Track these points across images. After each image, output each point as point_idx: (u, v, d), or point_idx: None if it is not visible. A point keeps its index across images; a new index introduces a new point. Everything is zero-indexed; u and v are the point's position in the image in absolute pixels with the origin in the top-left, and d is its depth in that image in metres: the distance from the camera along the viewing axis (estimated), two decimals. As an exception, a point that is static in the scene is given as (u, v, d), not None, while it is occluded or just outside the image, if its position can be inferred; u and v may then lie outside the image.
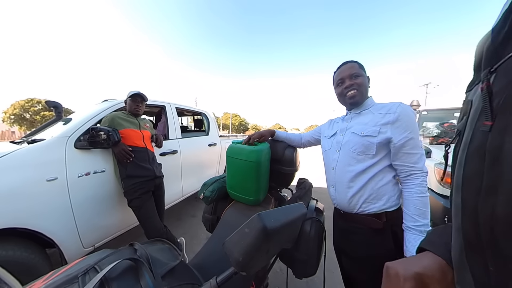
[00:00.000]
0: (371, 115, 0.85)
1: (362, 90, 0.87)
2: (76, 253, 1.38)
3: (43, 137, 1.46)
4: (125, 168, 1.54)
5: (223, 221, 1.06)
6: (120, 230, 1.72)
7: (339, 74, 0.91)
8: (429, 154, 2.16)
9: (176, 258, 0.62)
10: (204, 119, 3.34)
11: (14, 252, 1.06)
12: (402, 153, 0.77)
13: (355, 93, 0.87)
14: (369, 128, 0.82)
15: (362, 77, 0.87)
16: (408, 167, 0.76)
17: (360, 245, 0.83)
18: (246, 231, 0.43)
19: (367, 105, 0.89)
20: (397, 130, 0.77)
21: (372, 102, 0.90)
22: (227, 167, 1.14)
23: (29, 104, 29.36)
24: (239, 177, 1.08)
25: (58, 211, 1.29)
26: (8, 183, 1.10)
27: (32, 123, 27.93)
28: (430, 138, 2.46)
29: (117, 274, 0.46)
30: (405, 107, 0.79)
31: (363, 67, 0.89)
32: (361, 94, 0.88)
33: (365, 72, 0.89)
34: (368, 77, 0.90)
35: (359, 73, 0.87)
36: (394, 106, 0.80)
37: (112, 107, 1.75)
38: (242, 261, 0.41)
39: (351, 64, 0.89)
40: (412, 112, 0.79)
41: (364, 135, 0.82)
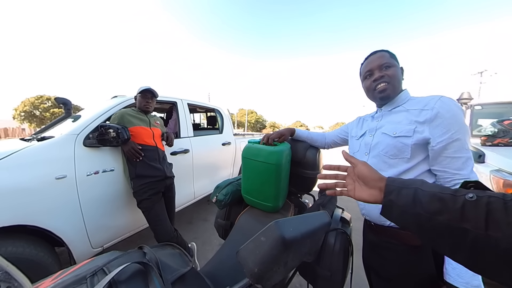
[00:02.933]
0: (405, 113, 0.80)
1: (394, 82, 0.83)
2: (84, 253, 1.48)
3: (52, 135, 1.58)
4: (134, 167, 1.61)
5: (237, 228, 1.08)
6: (129, 232, 1.82)
7: (366, 65, 0.88)
8: (482, 158, 1.97)
9: (187, 264, 0.64)
10: (218, 116, 3.39)
11: (24, 249, 1.17)
12: (444, 157, 0.71)
13: (385, 86, 0.83)
14: (402, 127, 0.78)
15: (394, 68, 0.83)
16: (450, 174, 0.71)
17: (393, 263, 0.80)
18: (262, 239, 0.43)
19: (401, 101, 0.85)
20: (437, 129, 0.72)
21: (407, 96, 0.85)
22: (243, 169, 1.14)
23: (39, 101, 31.85)
24: (256, 181, 1.08)
25: (67, 210, 1.39)
26: (18, 180, 1.20)
27: (42, 120, 30.27)
28: (482, 138, 2.23)
29: (126, 277, 0.49)
30: (446, 101, 0.73)
31: (395, 56, 0.85)
32: (393, 87, 0.84)
33: (397, 62, 0.85)
34: (401, 68, 0.86)
35: (390, 63, 0.83)
36: (432, 100, 0.75)
37: (121, 104, 1.84)
38: (257, 273, 0.42)
39: (381, 54, 0.85)
40: (456, 107, 0.73)
41: (396, 136, 0.78)
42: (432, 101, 0.75)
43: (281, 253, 0.42)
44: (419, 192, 0.42)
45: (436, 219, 0.38)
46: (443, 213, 0.37)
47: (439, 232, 0.38)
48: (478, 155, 1.98)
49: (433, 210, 0.38)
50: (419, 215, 0.40)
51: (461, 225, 0.35)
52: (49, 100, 31.73)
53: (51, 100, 31.54)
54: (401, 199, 0.43)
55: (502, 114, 2.70)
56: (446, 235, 0.37)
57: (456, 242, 0.36)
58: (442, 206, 0.38)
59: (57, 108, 29.25)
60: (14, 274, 0.30)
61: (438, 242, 0.39)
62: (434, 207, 0.38)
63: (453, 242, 0.37)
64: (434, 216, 0.38)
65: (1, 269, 0.30)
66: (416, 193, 0.42)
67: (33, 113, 31.28)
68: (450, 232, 0.36)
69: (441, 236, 0.38)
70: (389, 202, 0.45)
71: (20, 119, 30.75)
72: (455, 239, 0.36)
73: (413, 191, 0.42)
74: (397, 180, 0.47)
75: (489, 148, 2.09)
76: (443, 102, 0.73)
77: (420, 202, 0.40)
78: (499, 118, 2.20)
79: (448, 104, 0.72)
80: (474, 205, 0.35)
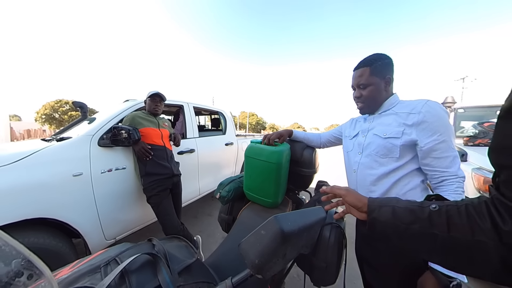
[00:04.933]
0: (394, 115, 0.80)
1: (369, 102, 0.85)
2: (99, 244, 1.48)
3: (70, 135, 1.59)
4: (144, 165, 1.61)
5: (239, 222, 1.07)
6: (139, 225, 1.82)
7: (352, 79, 0.89)
8: (464, 157, 1.96)
9: (192, 255, 0.64)
10: (221, 118, 3.39)
11: (44, 240, 1.18)
12: (432, 158, 0.71)
13: (361, 106, 0.88)
14: (392, 129, 0.78)
15: (371, 87, 0.82)
16: (439, 172, 0.71)
17: (383, 253, 0.80)
18: (263, 233, 0.43)
19: (390, 105, 0.84)
20: (423, 132, 0.71)
21: (396, 100, 0.84)
22: (245, 167, 1.14)
23: (58, 104, 31.95)
24: (257, 178, 1.08)
25: (83, 204, 1.40)
26: (39, 177, 1.21)
27: (61, 122, 30.36)
28: (464, 139, 2.23)
29: (136, 267, 0.49)
30: (432, 105, 0.72)
31: (379, 68, 0.81)
32: (368, 107, 0.87)
33: (382, 73, 0.81)
34: (388, 77, 0.82)
35: (367, 83, 0.82)
36: (419, 104, 0.74)
37: (132, 107, 1.85)
38: (258, 264, 0.41)
39: (361, 71, 0.84)
40: (442, 110, 0.72)
41: (386, 137, 0.78)
42: (419, 105, 0.74)
43: (280, 246, 0.42)
44: (396, 208, 0.47)
45: (412, 228, 0.43)
46: (416, 223, 0.43)
47: (415, 239, 0.43)
48: (461, 154, 1.98)
49: (408, 221, 0.44)
50: (397, 226, 0.45)
51: (430, 230, 0.40)
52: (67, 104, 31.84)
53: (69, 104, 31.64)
54: (382, 215, 0.48)
55: (483, 116, 2.70)
56: (421, 241, 0.42)
57: (430, 245, 0.41)
58: (415, 217, 0.43)
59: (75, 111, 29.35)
60: (36, 263, 0.29)
61: (416, 247, 0.44)
62: (409, 218, 0.44)
63: (427, 245, 0.41)
64: (410, 225, 0.43)
65: (24, 258, 0.30)
66: (394, 210, 0.47)
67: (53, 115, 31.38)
68: (424, 237, 0.41)
69: (417, 241, 0.43)
70: (373, 219, 0.50)
71: (41, 121, 30.87)
72: (428, 243, 0.41)
73: (391, 208, 0.48)
74: (376, 200, 0.53)
75: (471, 148, 2.09)
76: (429, 106, 0.72)
77: (397, 216, 0.46)
78: (480, 121, 2.20)
79: (433, 108, 0.72)
80: (437, 213, 0.41)
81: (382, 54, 0.82)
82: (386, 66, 0.81)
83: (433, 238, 0.40)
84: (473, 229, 0.37)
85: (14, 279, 0.34)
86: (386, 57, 0.82)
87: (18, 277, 0.34)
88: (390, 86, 0.83)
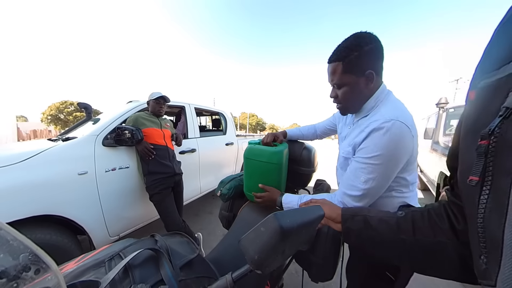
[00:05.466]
0: (358, 129, 0.69)
1: (347, 104, 0.71)
2: (103, 241, 1.49)
3: (75, 135, 1.59)
4: (147, 164, 1.62)
5: (239, 219, 1.07)
6: (142, 222, 1.82)
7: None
8: None
9: (194, 251, 0.64)
10: (222, 119, 3.40)
11: (51, 236, 1.18)
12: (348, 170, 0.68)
13: (339, 107, 0.75)
14: (347, 148, 0.71)
15: (346, 88, 0.66)
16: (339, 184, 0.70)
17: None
18: (262, 230, 0.43)
19: (370, 108, 0.68)
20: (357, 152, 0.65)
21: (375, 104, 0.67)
22: (245, 168, 1.11)
23: (63, 105, 31.94)
24: (258, 180, 1.05)
25: (88, 202, 1.40)
26: (47, 175, 1.22)
27: (66, 123, 30.35)
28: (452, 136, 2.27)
29: (139, 262, 0.49)
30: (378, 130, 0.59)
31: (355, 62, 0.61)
32: (347, 109, 0.74)
33: (360, 69, 0.62)
34: (370, 72, 0.62)
35: (341, 83, 0.66)
36: (372, 124, 0.61)
37: (136, 108, 1.85)
38: (257, 260, 0.42)
39: (333, 66, 0.66)
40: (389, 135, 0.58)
41: (343, 156, 0.74)
42: (372, 124, 0.62)
43: (279, 242, 0.42)
44: (367, 218, 0.48)
45: (382, 235, 0.44)
46: (385, 230, 0.44)
47: (386, 245, 0.44)
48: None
49: (379, 229, 0.45)
50: (370, 235, 0.46)
51: (399, 236, 0.42)
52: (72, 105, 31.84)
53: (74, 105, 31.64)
54: (355, 224, 0.49)
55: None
56: (391, 247, 0.43)
57: (399, 251, 0.42)
58: (385, 225, 0.45)
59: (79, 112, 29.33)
60: (42, 257, 0.30)
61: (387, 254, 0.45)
62: (381, 227, 0.45)
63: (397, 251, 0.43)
64: (380, 233, 0.44)
65: (31, 252, 0.31)
66: (366, 219, 0.47)
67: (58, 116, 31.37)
68: (393, 243, 0.43)
69: (388, 248, 0.44)
70: (347, 229, 0.50)
71: (47, 122, 30.86)
72: (398, 248, 0.42)
73: (363, 218, 0.48)
74: (349, 209, 0.53)
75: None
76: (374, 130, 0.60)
77: (369, 225, 0.47)
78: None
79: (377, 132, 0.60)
80: (404, 219, 0.43)
81: (362, 39, 0.61)
82: (366, 57, 0.61)
83: (402, 243, 0.41)
84: (434, 230, 0.39)
85: (21, 273, 0.34)
86: (366, 43, 0.60)
87: (26, 271, 0.34)
88: (374, 81, 0.64)
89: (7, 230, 0.29)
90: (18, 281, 0.34)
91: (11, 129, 8.65)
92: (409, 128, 0.58)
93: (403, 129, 0.58)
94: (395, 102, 0.66)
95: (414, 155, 0.65)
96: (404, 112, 0.62)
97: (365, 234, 0.47)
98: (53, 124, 30.81)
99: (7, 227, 0.29)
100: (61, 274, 0.32)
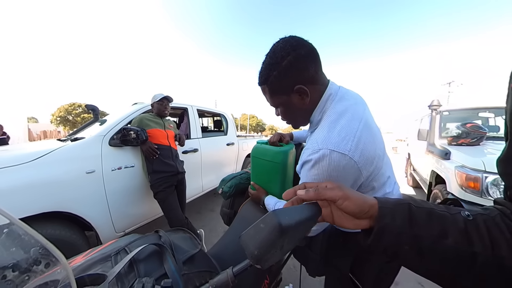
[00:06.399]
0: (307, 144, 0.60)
1: (291, 122, 0.65)
2: (109, 236, 1.49)
3: (83, 136, 1.59)
4: (151, 164, 1.62)
5: (240, 216, 1.07)
6: (146, 219, 1.83)
7: None
8: (448, 156, 1.96)
9: (196, 246, 0.64)
10: (223, 120, 3.39)
11: (60, 232, 1.19)
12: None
13: (288, 123, 0.67)
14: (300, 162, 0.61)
15: (282, 108, 0.60)
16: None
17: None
18: (262, 226, 0.43)
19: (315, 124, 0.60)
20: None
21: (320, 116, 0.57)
22: (252, 167, 1.11)
23: (72, 107, 31.96)
24: (264, 178, 1.04)
25: (95, 199, 1.40)
26: (56, 173, 1.22)
27: (74, 124, 30.37)
28: (448, 139, 2.24)
29: (144, 256, 0.49)
30: (308, 162, 0.51)
31: (276, 82, 0.54)
32: (294, 125, 0.67)
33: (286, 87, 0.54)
34: (299, 88, 0.53)
35: (275, 104, 0.61)
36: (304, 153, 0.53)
37: (140, 110, 1.86)
38: (257, 255, 0.42)
39: (262, 89, 0.60)
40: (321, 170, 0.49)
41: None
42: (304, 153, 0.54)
43: (278, 238, 0.42)
44: (413, 208, 0.31)
45: (442, 242, 0.28)
46: (448, 236, 0.28)
47: (443, 257, 0.28)
48: (445, 153, 1.99)
49: (437, 232, 0.28)
50: (418, 237, 0.29)
51: (470, 248, 0.26)
52: (80, 107, 31.87)
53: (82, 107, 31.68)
54: (397, 219, 0.30)
55: (465, 118, 2.71)
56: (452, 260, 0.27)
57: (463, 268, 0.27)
58: (444, 227, 0.28)
59: (87, 114, 29.32)
60: (52, 251, 0.30)
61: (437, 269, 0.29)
62: (436, 228, 0.28)
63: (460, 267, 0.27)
64: (439, 239, 0.28)
65: (42, 246, 0.31)
66: (411, 210, 0.31)
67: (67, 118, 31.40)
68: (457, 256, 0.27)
69: (445, 261, 0.28)
70: (384, 226, 0.31)
71: (56, 123, 30.87)
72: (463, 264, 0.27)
73: (407, 207, 0.31)
74: (389, 200, 0.33)
75: (454, 147, 2.10)
76: (305, 165, 0.53)
77: (416, 221, 0.30)
78: (463, 122, 2.20)
79: (305, 171, 0.53)
80: (475, 225, 0.28)
81: (278, 52, 0.52)
82: (287, 73, 0.52)
83: (472, 259, 0.26)
84: None
85: (32, 266, 0.34)
86: (283, 56, 0.51)
87: (37, 264, 0.35)
88: (309, 94, 0.54)
89: (19, 225, 0.29)
90: (29, 274, 0.34)
91: (22, 130, 8.67)
92: (344, 154, 0.47)
93: (335, 158, 0.47)
94: (336, 114, 0.53)
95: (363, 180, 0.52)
96: (342, 130, 0.49)
97: (408, 235, 0.29)
98: (62, 125, 30.80)
99: (19, 222, 0.29)
100: (70, 267, 0.32)
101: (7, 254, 0.33)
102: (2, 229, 0.31)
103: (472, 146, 2.04)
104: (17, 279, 0.33)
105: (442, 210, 0.30)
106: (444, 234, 0.28)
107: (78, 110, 32.16)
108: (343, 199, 0.34)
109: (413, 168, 3.83)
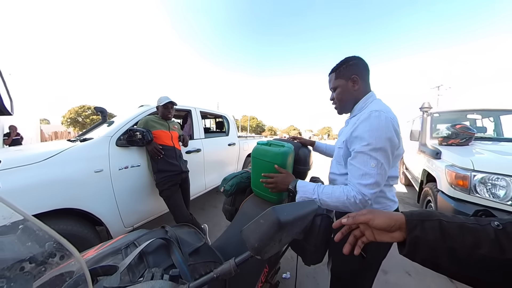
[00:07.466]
0: (350, 125, 0.74)
1: (340, 103, 0.82)
2: (119, 231, 1.50)
3: (92, 136, 1.60)
4: (156, 163, 1.62)
5: (241, 212, 1.08)
6: (153, 215, 1.83)
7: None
8: (438, 155, 1.97)
9: (201, 240, 0.65)
10: (225, 121, 3.39)
11: (72, 227, 1.20)
12: (349, 163, 0.68)
13: (335, 107, 0.85)
14: (341, 139, 0.78)
15: (339, 89, 0.79)
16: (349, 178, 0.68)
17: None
18: (262, 221, 0.44)
19: (360, 108, 0.77)
20: (352, 143, 0.68)
21: (367, 101, 0.76)
22: (252, 167, 1.11)
23: (81, 109, 31.98)
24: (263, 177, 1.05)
25: (104, 197, 1.41)
26: (67, 172, 1.23)
27: (83, 125, 30.36)
28: (439, 139, 2.25)
29: (152, 249, 0.50)
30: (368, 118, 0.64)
31: (343, 71, 0.77)
32: (340, 108, 0.84)
33: (347, 74, 0.76)
34: (354, 76, 0.75)
35: (334, 86, 0.80)
36: (362, 115, 0.67)
37: (146, 112, 1.86)
38: (257, 247, 0.42)
39: (330, 77, 0.82)
40: (378, 121, 0.63)
41: (338, 147, 0.80)
42: (361, 116, 0.67)
43: (277, 232, 0.42)
44: (444, 224, 0.32)
45: (476, 252, 0.29)
46: (480, 246, 0.29)
47: (480, 266, 0.29)
48: (436, 153, 1.99)
49: (470, 244, 0.29)
50: (453, 250, 0.30)
51: (504, 256, 0.27)
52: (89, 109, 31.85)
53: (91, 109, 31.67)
54: (429, 233, 0.32)
55: (455, 120, 2.72)
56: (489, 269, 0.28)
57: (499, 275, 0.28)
58: (476, 238, 0.30)
59: (96, 115, 29.31)
60: (65, 245, 0.31)
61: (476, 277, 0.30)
62: (469, 240, 0.30)
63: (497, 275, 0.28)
64: (473, 250, 0.29)
65: (55, 241, 0.32)
66: (442, 225, 0.32)
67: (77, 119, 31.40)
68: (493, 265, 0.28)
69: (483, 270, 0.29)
70: (415, 239, 0.33)
71: (67, 124, 30.88)
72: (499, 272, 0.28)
73: (438, 223, 0.32)
74: (414, 213, 0.36)
75: (445, 147, 2.10)
76: (364, 118, 0.66)
77: (449, 235, 0.31)
78: (452, 123, 2.21)
79: (368, 120, 0.65)
80: (505, 234, 0.28)
81: (349, 58, 0.78)
82: (351, 67, 0.76)
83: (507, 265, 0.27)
84: None
85: (48, 258, 0.35)
86: (351, 59, 0.77)
87: (52, 257, 0.35)
88: (359, 84, 0.75)
89: (33, 222, 0.29)
90: (45, 266, 0.35)
91: (35, 131, 8.68)
92: (392, 122, 0.64)
93: (388, 120, 0.63)
94: (382, 104, 0.73)
95: (400, 152, 0.69)
96: (389, 111, 0.68)
97: (443, 247, 0.31)
98: (72, 126, 30.83)
99: (33, 219, 0.29)
100: (83, 259, 0.33)
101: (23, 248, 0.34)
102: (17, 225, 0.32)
103: (462, 146, 2.04)
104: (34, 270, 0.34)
105: (472, 222, 0.31)
106: (477, 245, 0.29)
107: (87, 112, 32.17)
108: (372, 219, 0.39)
109: (405, 167, 3.83)
